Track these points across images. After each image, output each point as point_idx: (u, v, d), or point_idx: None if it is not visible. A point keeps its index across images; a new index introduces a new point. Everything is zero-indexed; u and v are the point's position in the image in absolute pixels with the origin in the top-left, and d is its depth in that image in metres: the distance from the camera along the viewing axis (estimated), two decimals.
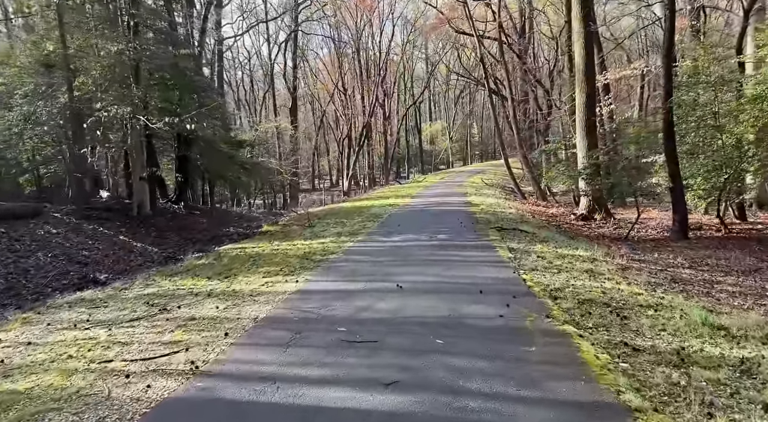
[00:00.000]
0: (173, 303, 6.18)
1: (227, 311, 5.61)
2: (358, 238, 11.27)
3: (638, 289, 6.50)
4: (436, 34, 47.98)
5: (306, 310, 5.46)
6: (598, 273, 7.30)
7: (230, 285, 7.08)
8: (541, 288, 6.20)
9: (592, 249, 9.84)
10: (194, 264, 9.55)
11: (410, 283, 6.57)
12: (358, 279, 6.99)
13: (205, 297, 6.40)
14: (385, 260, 8.44)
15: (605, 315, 5.13)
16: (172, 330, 4.97)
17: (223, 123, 26.87)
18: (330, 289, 6.46)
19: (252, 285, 6.93)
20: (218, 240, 13.55)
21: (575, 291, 6.06)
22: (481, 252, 8.87)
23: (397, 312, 5.30)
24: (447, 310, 5.26)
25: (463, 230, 11.81)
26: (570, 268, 7.54)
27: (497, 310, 5.21)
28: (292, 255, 9.45)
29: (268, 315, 5.33)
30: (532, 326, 4.69)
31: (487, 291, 6.01)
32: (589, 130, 17.05)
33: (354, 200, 26.49)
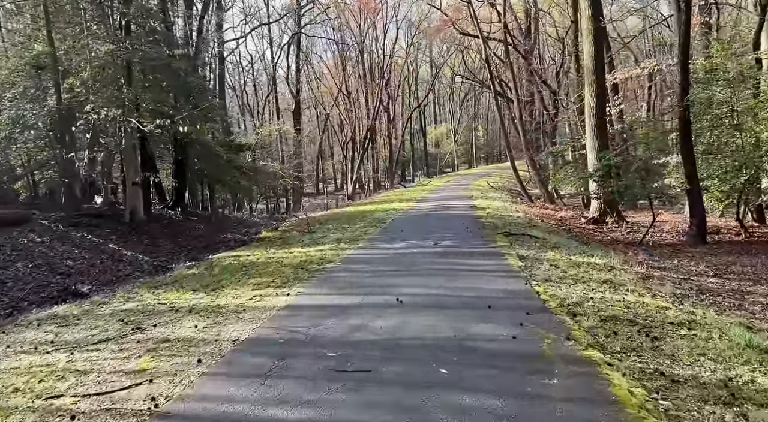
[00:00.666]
0: (150, 320, 5.59)
1: (206, 331, 5.01)
2: (359, 245, 10.68)
3: (664, 302, 5.85)
4: (440, 37, 47.47)
5: (294, 330, 4.86)
6: (618, 284, 6.65)
7: (215, 299, 6.49)
8: (557, 302, 5.56)
9: (608, 256, 9.19)
10: (183, 274, 8.99)
11: (411, 296, 5.95)
12: (354, 291, 6.39)
13: (186, 313, 5.81)
14: (385, 269, 7.83)
15: (633, 335, 4.49)
16: (140, 356, 4.38)
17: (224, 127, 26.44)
18: (323, 304, 5.85)
19: (239, 299, 6.33)
20: (214, 248, 13.00)
21: (596, 306, 5.42)
22: (488, 261, 8.24)
23: (396, 332, 4.69)
24: (452, 330, 4.65)
25: (469, 236, 11.18)
26: (587, 278, 6.90)
27: (509, 330, 4.59)
28: (287, 264, 8.86)
29: (250, 337, 4.73)
30: (551, 351, 4.06)
31: (497, 307, 5.38)
32: (599, 131, 16.42)
33: (358, 204, 25.94)
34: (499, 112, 31.68)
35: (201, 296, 6.72)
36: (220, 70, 26.17)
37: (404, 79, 55.36)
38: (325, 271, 7.91)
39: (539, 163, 26.35)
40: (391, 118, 51.23)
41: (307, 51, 49.80)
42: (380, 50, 47.28)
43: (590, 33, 16.68)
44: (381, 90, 45.40)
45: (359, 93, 48.21)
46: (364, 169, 50.24)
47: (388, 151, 51.10)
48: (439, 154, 66.32)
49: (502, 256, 8.53)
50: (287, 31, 41.15)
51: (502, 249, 9.16)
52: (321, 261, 8.88)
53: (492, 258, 8.48)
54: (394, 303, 5.71)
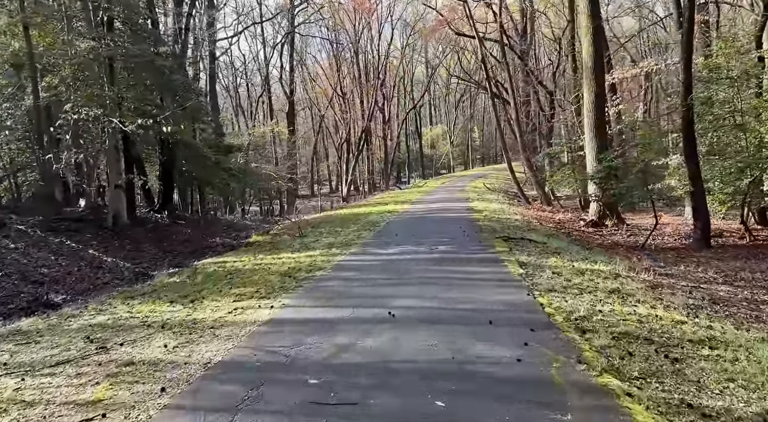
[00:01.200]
0: (117, 338, 5.10)
1: (177, 351, 4.52)
2: (351, 250, 10.20)
3: (678, 315, 5.40)
4: (436, 38, 47.08)
5: (273, 350, 4.37)
6: (626, 294, 6.20)
7: (193, 312, 5.99)
8: (563, 316, 5.10)
9: (612, 262, 8.75)
10: (164, 282, 8.48)
11: (405, 310, 5.48)
12: (343, 303, 5.90)
13: (158, 330, 5.31)
14: (377, 278, 7.35)
15: (651, 356, 4.03)
16: (98, 382, 3.88)
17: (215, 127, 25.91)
18: (308, 318, 5.37)
19: (218, 313, 5.84)
20: (201, 253, 12.49)
21: (606, 321, 4.96)
22: (487, 268, 7.77)
23: (387, 352, 4.21)
24: (449, 351, 4.17)
25: (466, 240, 10.72)
26: (593, 288, 6.44)
27: (512, 351, 4.12)
28: (275, 271, 8.37)
29: (224, 359, 4.24)
30: (561, 377, 3.59)
31: (498, 322, 4.92)
32: (598, 131, 16.02)
33: (352, 206, 25.45)
34: (495, 113, 31.26)
35: (178, 309, 6.22)
36: (210, 69, 25.60)
37: (399, 80, 54.90)
38: (314, 280, 7.43)
39: (536, 165, 25.97)
40: (387, 119, 50.75)
41: (302, 52, 49.35)
42: (375, 51, 46.87)
43: (589, 31, 16.29)
44: (376, 91, 44.96)
45: (354, 94, 47.73)
46: (359, 171, 49.75)
47: (383, 153, 50.60)
48: (434, 156, 65.92)
49: (501, 263, 8.07)
50: (281, 30, 40.65)
51: (501, 255, 8.71)
52: (310, 268, 8.40)
53: (491, 265, 8.02)
54: (385, 317, 5.24)
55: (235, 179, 15.64)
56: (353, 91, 47.88)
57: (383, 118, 49.97)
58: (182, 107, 11.26)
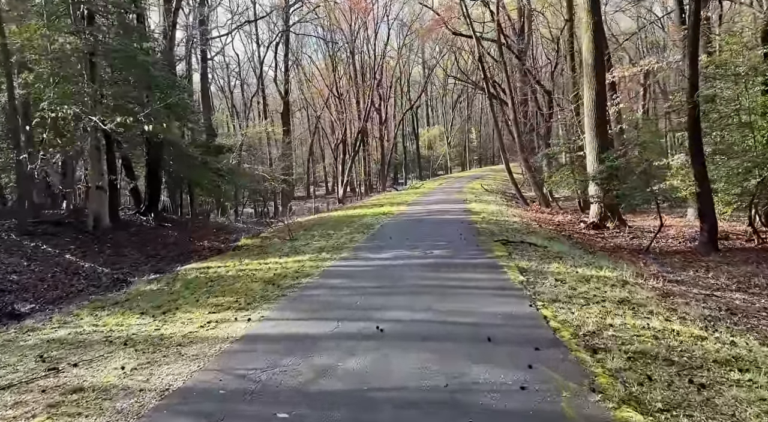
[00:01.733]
0: (74, 356, 4.56)
1: (134, 375, 3.98)
2: (342, 255, 9.69)
3: (696, 329, 4.89)
4: (433, 38, 46.64)
5: (243, 374, 3.84)
6: (637, 305, 5.69)
7: (163, 325, 5.45)
8: (570, 332, 4.59)
9: (618, 267, 8.25)
10: (140, 290, 7.95)
11: (395, 323, 4.96)
12: (328, 315, 5.38)
13: (120, 347, 4.78)
14: (367, 286, 6.82)
15: (674, 382, 3.52)
16: (35, 415, 3.35)
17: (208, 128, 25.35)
18: (288, 334, 4.84)
19: (190, 327, 5.30)
20: (186, 257, 11.95)
21: (618, 337, 4.45)
22: (485, 275, 7.25)
23: (371, 378, 3.68)
24: (442, 375, 3.65)
25: (463, 244, 10.21)
26: (600, 297, 5.92)
27: (515, 375, 3.60)
28: (259, 278, 7.84)
29: (185, 385, 3.70)
30: (574, 410, 3.07)
31: (498, 339, 4.40)
32: (599, 131, 15.54)
33: (347, 208, 24.95)
34: (492, 113, 30.81)
35: (147, 321, 5.68)
36: (202, 68, 25.07)
37: (396, 80, 54.41)
38: (299, 288, 6.89)
39: (534, 165, 25.49)
40: (383, 120, 50.22)
41: (297, 52, 48.84)
42: (371, 51, 46.38)
43: (589, 27, 15.81)
44: (372, 91, 44.44)
45: (350, 94, 47.22)
46: (355, 172, 49.22)
47: (380, 154, 50.05)
48: (431, 157, 65.37)
49: (500, 269, 7.55)
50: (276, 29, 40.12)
51: (500, 261, 8.19)
52: (297, 275, 7.87)
53: (489, 271, 7.50)
54: (373, 332, 4.71)
55: (224, 180, 15.06)
56: (349, 92, 47.38)
57: (380, 119, 49.44)
58: (165, 104, 10.71)
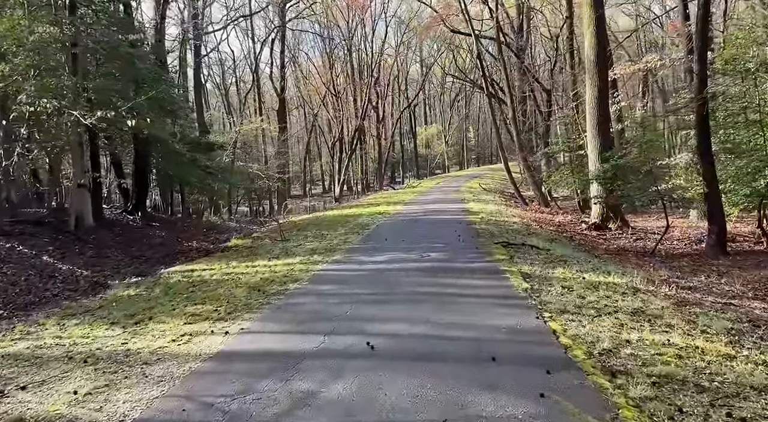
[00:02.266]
0: (26, 376, 4.05)
1: (87, 401, 3.47)
2: (335, 257, 9.19)
3: (721, 345, 4.40)
4: (431, 36, 46.15)
5: (210, 401, 3.34)
6: (653, 316, 5.20)
7: (131, 338, 4.94)
8: (584, 350, 4.09)
9: (626, 272, 7.78)
10: (117, 296, 7.43)
11: (388, 339, 4.46)
12: (315, 328, 4.87)
13: (80, 364, 4.26)
14: (360, 293, 6.31)
15: (710, 415, 3.03)
16: None
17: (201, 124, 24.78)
18: (267, 351, 4.34)
19: (161, 340, 4.79)
20: (172, 259, 11.43)
21: (638, 356, 3.96)
22: (486, 281, 6.76)
23: (359, 409, 3.18)
24: (440, 405, 3.15)
25: (461, 246, 9.72)
26: (612, 307, 5.44)
27: (525, 406, 3.11)
28: (244, 283, 7.33)
29: (142, 416, 3.20)
30: None
31: (504, 358, 3.90)
32: (601, 129, 15.08)
33: (343, 207, 24.45)
34: (491, 112, 30.29)
35: (116, 333, 5.17)
36: (196, 63, 24.49)
37: (394, 78, 53.87)
38: (286, 295, 6.39)
39: (533, 165, 25.02)
40: (381, 118, 49.69)
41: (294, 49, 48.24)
42: (369, 48, 45.84)
43: (591, 22, 15.32)
44: (369, 89, 43.89)
45: (348, 92, 46.68)
46: (352, 171, 48.68)
47: (377, 152, 49.51)
48: (429, 155, 64.87)
49: (502, 274, 7.06)
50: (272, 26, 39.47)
51: (501, 265, 7.70)
52: (285, 279, 7.36)
53: (490, 276, 7.00)
54: (363, 349, 4.21)
55: (213, 178, 14.50)
56: (346, 89, 46.83)
57: (377, 117, 48.92)
58: (148, 98, 10.16)
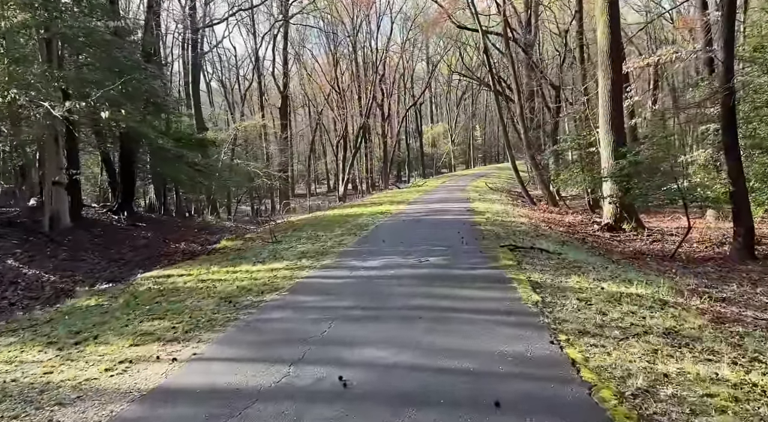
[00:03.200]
0: None
1: None
2: (324, 262, 8.37)
3: None
4: (437, 32, 45.24)
5: None
6: (690, 339, 4.32)
7: (61, 364, 4.11)
8: (612, 390, 3.21)
9: (649, 281, 6.87)
10: (74, 306, 6.63)
11: (366, 370, 3.61)
12: (281, 354, 4.02)
13: None
14: (343, 307, 5.46)
15: None
16: None
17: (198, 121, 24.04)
18: (213, 387, 3.49)
19: (94, 368, 3.96)
20: (154, 262, 10.65)
21: (682, 399, 3.08)
22: (490, 292, 5.89)
23: None
24: None
25: (464, 249, 8.85)
26: (640, 326, 4.56)
27: None
28: (217, 293, 6.51)
29: None
30: None
31: (510, 403, 3.04)
32: (614, 124, 14.14)
33: (344, 207, 23.70)
34: (498, 109, 29.41)
35: (47, 357, 4.35)
36: (192, 58, 23.70)
37: (400, 76, 52.97)
38: (259, 309, 5.55)
39: (541, 163, 24.08)
40: (386, 116, 48.79)
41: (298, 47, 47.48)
42: (374, 45, 44.97)
43: (605, 11, 14.37)
44: (374, 86, 43.00)
45: (352, 89, 45.81)
46: (357, 169, 47.78)
47: (382, 151, 48.59)
48: (435, 154, 63.87)
49: (508, 283, 6.18)
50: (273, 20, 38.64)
51: (508, 272, 6.82)
52: (263, 289, 6.53)
53: (495, 286, 6.13)
54: (333, 386, 3.36)
55: (203, 175, 13.74)
56: (351, 87, 45.98)
57: (382, 115, 48.03)
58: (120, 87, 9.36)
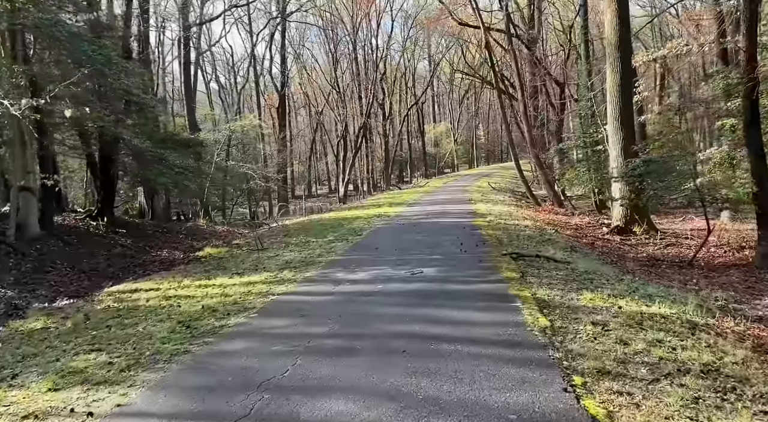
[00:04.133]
0: None
1: None
2: (308, 274, 7.57)
3: None
4: (438, 31, 44.41)
5: None
6: (736, 379, 3.48)
7: None
8: None
9: (670, 295, 6.05)
10: (13, 331, 5.81)
11: None
12: (223, 410, 3.21)
13: None
14: (315, 334, 4.63)
15: None
16: None
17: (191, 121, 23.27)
18: None
19: None
20: (128, 272, 9.85)
21: None
22: (490, 314, 5.05)
23: None
24: None
25: (463, 258, 8.04)
26: (672, 363, 3.72)
27: None
28: (178, 314, 5.71)
29: None
30: None
31: None
32: (624, 121, 13.32)
33: (342, 209, 22.94)
34: (501, 107, 28.50)
35: None
36: (184, 55, 22.87)
37: (401, 75, 52.14)
38: (218, 336, 4.74)
39: (545, 162, 23.20)
40: (387, 116, 47.93)
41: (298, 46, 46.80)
42: (374, 43, 44.15)
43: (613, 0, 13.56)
44: (375, 85, 42.14)
45: (352, 88, 44.99)
46: (359, 170, 46.91)
47: (383, 151, 47.72)
48: (438, 154, 62.94)
49: (511, 302, 5.35)
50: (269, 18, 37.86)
51: (511, 287, 5.98)
52: (231, 309, 5.72)
53: (495, 306, 5.29)
54: None
55: (189, 178, 12.88)
56: (350, 86, 45.15)
57: (383, 115, 47.18)
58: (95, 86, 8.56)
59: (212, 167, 20.54)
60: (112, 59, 9.44)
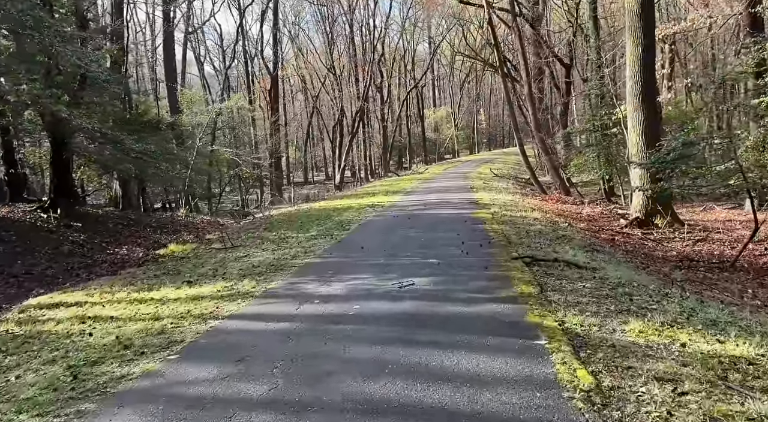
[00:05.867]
0: None
1: None
2: (272, 284, 6.13)
3: None
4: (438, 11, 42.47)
5: None
6: None
7: None
8: None
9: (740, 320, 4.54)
10: None
11: None
12: None
13: None
14: (247, 399, 3.11)
15: None
16: None
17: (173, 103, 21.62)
18: None
19: None
20: (70, 275, 8.37)
21: None
22: (505, 362, 3.50)
23: None
24: None
25: (464, 264, 6.52)
26: None
27: None
28: (79, 349, 4.24)
29: None
30: None
31: None
32: (646, 99, 11.75)
33: (335, 198, 21.45)
34: (504, 89, 26.70)
35: None
36: (165, 31, 21.06)
37: (400, 58, 50.15)
38: (103, 400, 3.23)
39: (551, 147, 21.59)
40: (386, 100, 46.11)
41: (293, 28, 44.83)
42: (372, 23, 42.19)
43: None
44: (372, 66, 40.27)
45: (349, 71, 43.12)
46: (357, 156, 45.20)
47: (382, 136, 45.97)
48: (438, 140, 61.08)
49: (532, 338, 3.85)
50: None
51: (529, 310, 4.48)
52: (146, 345, 4.23)
53: (512, 347, 3.75)
54: None
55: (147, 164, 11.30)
56: (347, 67, 43.28)
57: (382, 98, 45.35)
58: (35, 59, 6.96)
59: (194, 152, 18.94)
60: (43, 21, 7.81)
